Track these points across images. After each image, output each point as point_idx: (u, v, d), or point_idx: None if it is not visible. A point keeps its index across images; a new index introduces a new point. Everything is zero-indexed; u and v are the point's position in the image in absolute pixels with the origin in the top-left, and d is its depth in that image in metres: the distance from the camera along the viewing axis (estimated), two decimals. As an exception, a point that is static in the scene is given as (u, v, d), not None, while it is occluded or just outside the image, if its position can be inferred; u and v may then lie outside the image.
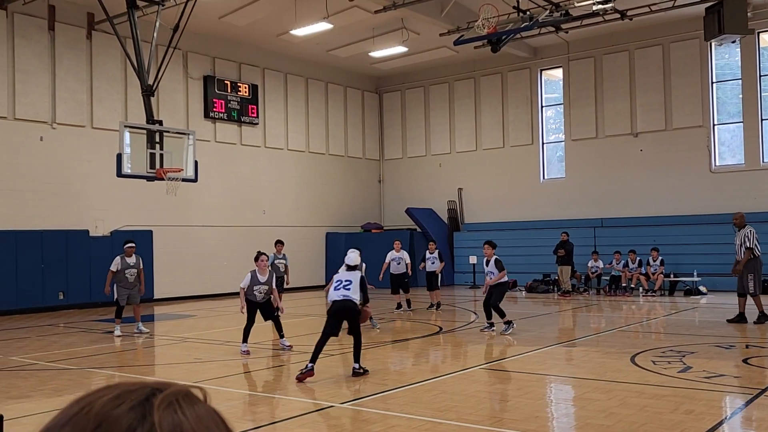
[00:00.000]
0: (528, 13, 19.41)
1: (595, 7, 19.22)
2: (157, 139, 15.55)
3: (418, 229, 26.74)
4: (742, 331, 12.77)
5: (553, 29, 22.04)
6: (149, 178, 15.77)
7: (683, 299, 19.67)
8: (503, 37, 20.53)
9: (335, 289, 9.58)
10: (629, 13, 20.87)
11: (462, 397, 7.86)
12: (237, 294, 13.26)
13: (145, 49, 16.16)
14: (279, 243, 17.05)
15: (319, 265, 26.78)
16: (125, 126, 15.56)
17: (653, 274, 21.05)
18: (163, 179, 15.51)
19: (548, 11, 19.01)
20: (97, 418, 0.71)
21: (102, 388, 0.76)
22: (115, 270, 13.70)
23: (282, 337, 11.66)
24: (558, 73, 26.35)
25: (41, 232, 18.88)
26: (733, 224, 14.35)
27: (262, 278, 11.34)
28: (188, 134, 16.53)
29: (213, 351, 12.42)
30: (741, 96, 22.83)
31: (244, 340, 11.24)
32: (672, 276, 21.18)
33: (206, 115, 23.48)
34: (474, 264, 24.82)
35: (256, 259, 11.56)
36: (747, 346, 11.17)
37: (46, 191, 19.43)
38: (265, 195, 25.36)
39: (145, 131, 15.52)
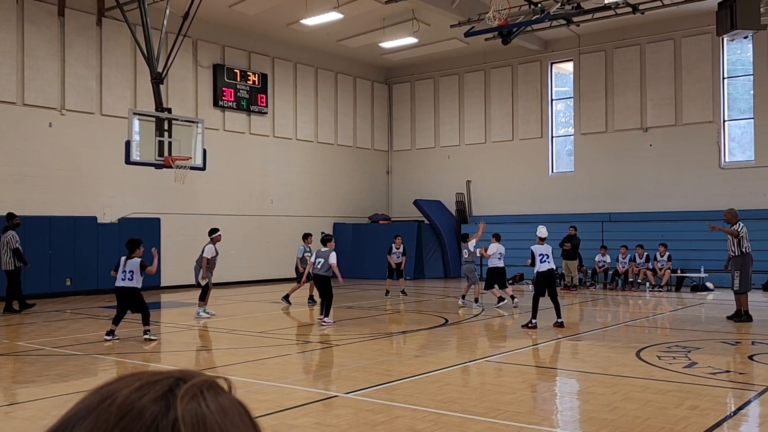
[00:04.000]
0: (539, 5, 19.33)
1: (606, 1, 19.11)
2: (166, 127, 15.59)
3: (426, 221, 26.72)
4: (748, 328, 12.72)
5: (564, 22, 21.93)
6: (157, 166, 15.81)
7: (690, 295, 19.61)
8: (514, 30, 20.45)
9: (541, 261, 12.76)
10: (641, 6, 20.73)
11: (466, 389, 7.87)
12: (245, 283, 13.58)
13: (155, 37, 16.17)
14: (309, 236, 17.42)
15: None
16: (134, 113, 15.59)
17: (660, 269, 20.99)
18: (171, 167, 15.54)
19: (560, 4, 18.92)
20: (119, 410, 0.69)
21: (123, 377, 0.74)
22: (210, 257, 14.64)
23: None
24: (569, 67, 26.23)
25: (49, 218, 18.95)
26: (723, 221, 14.13)
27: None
28: (197, 122, 16.55)
29: (219, 339, 12.47)
30: (752, 92, 22.68)
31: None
32: (679, 272, 21.11)
33: (215, 104, 23.48)
34: (481, 257, 24.77)
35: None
36: (753, 343, 11.13)
37: (54, 177, 19.49)
38: (273, 185, 25.37)
39: (154, 119, 15.54)
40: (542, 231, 13.15)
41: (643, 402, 7.06)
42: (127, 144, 15.01)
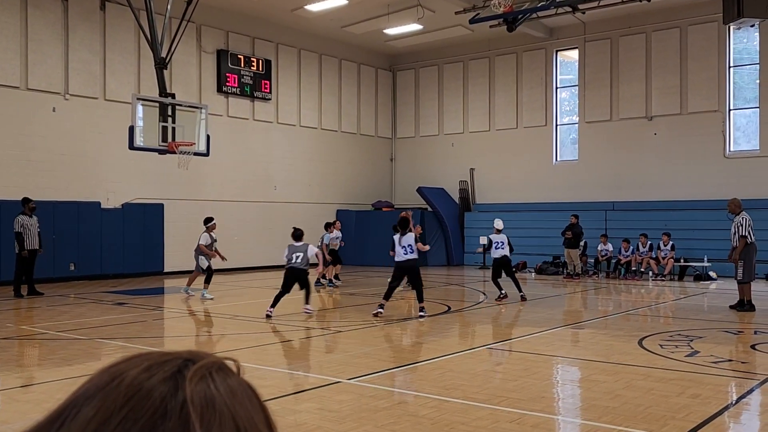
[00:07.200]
0: (545, -8, 19.22)
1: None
2: (170, 113, 15.55)
3: (429, 209, 26.72)
4: (750, 317, 12.72)
5: (570, 9, 21.81)
6: (161, 152, 15.80)
7: (693, 284, 19.60)
8: (519, 17, 20.37)
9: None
10: (647, -6, 20.59)
11: (468, 376, 7.89)
12: (248, 269, 13.73)
13: (159, 22, 16.11)
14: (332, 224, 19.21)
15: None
16: (138, 98, 15.56)
17: (663, 258, 20.97)
18: (174, 153, 15.53)
19: (565, -9, 18.81)
20: (128, 390, 0.68)
21: (131, 357, 0.73)
22: (204, 244, 15.69)
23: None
24: (574, 54, 26.11)
25: (53, 203, 18.97)
26: (727, 211, 14.05)
27: None
28: (201, 108, 16.52)
29: (221, 325, 12.51)
30: (758, 81, 22.56)
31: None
32: (682, 261, 21.09)
33: (219, 90, 23.44)
34: (484, 245, 24.80)
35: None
36: (756, 332, 11.14)
37: (58, 162, 19.50)
38: (277, 171, 25.36)
39: (157, 104, 15.51)
40: (497, 223, 15.09)
41: (644, 390, 7.08)
42: (131, 129, 14.99)
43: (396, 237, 12.62)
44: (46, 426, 0.69)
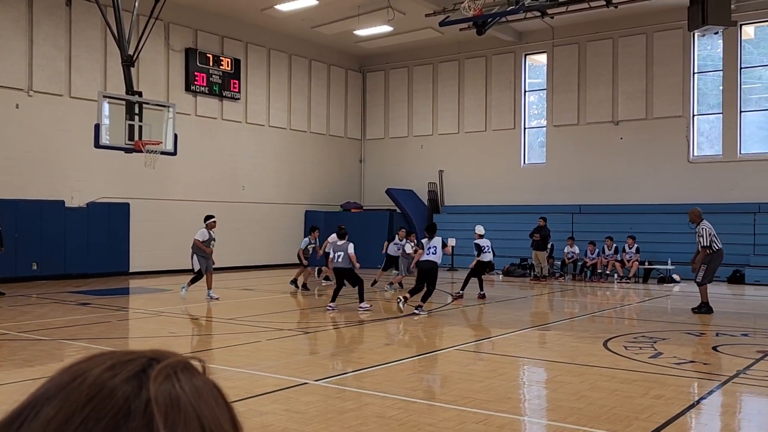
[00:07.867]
0: (514, -4, 19.34)
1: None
2: (137, 111, 15.39)
3: (398, 210, 26.74)
4: (712, 320, 12.94)
5: (538, 14, 21.97)
6: (127, 150, 15.62)
7: (657, 287, 19.88)
8: (489, 20, 20.47)
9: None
10: (614, 0, 20.84)
11: (436, 378, 7.91)
12: (215, 270, 13.64)
13: (126, 19, 15.93)
14: (316, 230, 18.18)
15: (297, 243, 26.63)
16: (104, 96, 15.37)
17: (628, 261, 21.25)
18: (141, 151, 15.36)
19: (534, -5, 18.95)
20: (90, 389, 0.67)
21: (94, 356, 0.72)
22: (201, 240, 15.01)
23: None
24: (542, 59, 26.35)
25: (16, 201, 18.63)
26: (688, 221, 14.20)
27: None
28: (168, 107, 16.37)
29: (188, 325, 12.39)
30: (721, 87, 22.99)
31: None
32: (647, 263, 21.38)
33: (187, 89, 23.21)
34: (453, 246, 24.88)
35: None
36: (717, 334, 11.33)
37: (21, 160, 19.14)
38: (245, 171, 25.19)
39: (124, 102, 15.33)
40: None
41: (609, 391, 7.16)
42: (97, 127, 14.80)
43: (424, 240, 13.60)
44: (5, 426, 0.67)
